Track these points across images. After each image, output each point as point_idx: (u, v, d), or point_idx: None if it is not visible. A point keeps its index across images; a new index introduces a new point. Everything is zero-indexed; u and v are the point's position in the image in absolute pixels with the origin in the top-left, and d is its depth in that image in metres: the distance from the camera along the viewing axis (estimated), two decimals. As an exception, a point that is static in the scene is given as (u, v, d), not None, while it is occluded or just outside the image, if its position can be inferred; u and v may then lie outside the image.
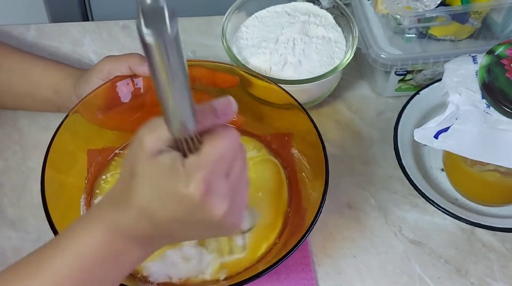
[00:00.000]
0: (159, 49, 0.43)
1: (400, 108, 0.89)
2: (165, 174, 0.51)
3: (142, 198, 0.53)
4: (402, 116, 0.88)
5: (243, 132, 0.84)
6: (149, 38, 0.42)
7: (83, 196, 0.79)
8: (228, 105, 0.54)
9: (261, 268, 0.70)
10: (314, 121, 0.78)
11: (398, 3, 0.85)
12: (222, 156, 0.52)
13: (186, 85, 0.47)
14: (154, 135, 0.52)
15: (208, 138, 0.52)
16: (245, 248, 0.77)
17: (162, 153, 0.52)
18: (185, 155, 0.52)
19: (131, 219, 0.54)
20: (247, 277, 0.69)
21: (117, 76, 0.80)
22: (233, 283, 0.69)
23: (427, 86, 0.91)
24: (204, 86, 0.82)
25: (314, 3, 0.95)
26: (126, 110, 0.82)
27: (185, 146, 0.52)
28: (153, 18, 0.42)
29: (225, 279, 0.74)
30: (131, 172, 0.53)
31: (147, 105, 0.82)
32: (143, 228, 0.54)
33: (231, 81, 0.82)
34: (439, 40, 0.90)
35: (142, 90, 0.81)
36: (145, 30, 0.42)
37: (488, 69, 0.77)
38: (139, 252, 0.58)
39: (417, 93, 0.90)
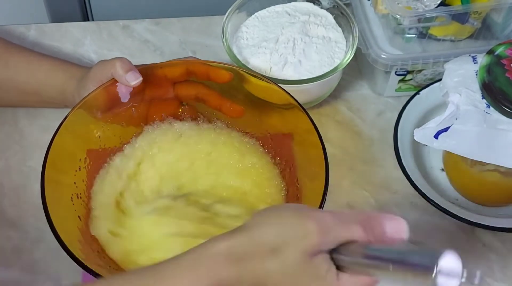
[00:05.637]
0: None
1: (400, 108, 0.89)
2: (316, 279, 0.52)
3: (276, 282, 0.52)
4: (402, 116, 0.88)
5: (243, 132, 0.84)
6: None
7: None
8: (399, 230, 0.53)
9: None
10: (314, 121, 0.78)
11: (398, 3, 0.85)
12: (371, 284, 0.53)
13: None
14: (325, 239, 0.52)
15: None
16: None
17: (320, 255, 0.52)
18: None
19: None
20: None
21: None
22: (233, 283, 0.69)
23: (427, 86, 0.91)
24: (199, 79, 0.82)
25: (314, 3, 0.95)
26: (127, 109, 0.82)
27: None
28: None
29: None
30: (274, 247, 0.52)
31: (146, 102, 0.83)
32: None
33: (224, 76, 0.82)
34: (439, 40, 0.90)
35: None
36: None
37: (488, 69, 0.77)
38: None
39: (417, 93, 0.90)
